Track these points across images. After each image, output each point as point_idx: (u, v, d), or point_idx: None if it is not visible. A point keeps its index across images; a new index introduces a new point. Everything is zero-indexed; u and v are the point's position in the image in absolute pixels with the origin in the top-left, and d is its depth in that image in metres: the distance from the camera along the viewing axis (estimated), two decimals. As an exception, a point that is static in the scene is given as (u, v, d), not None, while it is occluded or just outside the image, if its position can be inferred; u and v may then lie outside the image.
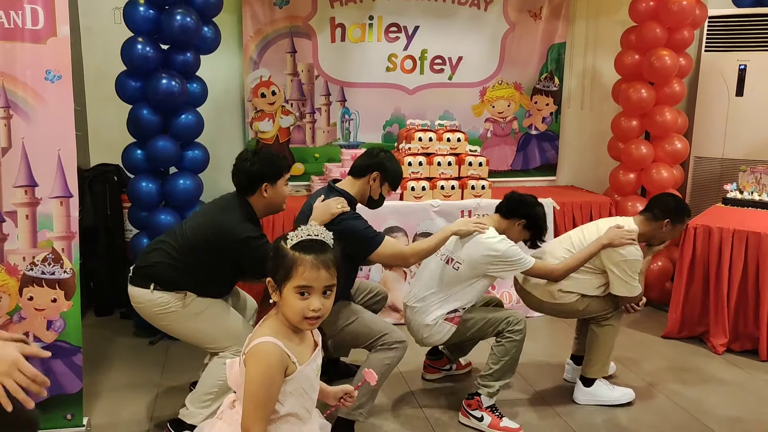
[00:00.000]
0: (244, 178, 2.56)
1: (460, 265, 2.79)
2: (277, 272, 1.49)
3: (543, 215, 2.93)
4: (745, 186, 3.85)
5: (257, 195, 2.57)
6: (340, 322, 2.69)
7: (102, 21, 4.06)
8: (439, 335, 2.83)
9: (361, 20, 4.41)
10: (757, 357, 3.56)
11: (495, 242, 2.75)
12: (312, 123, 4.47)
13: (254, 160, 2.55)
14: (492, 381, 2.82)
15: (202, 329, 2.56)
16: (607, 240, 2.88)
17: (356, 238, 2.57)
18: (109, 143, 4.04)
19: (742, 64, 4.34)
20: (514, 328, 2.81)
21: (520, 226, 2.88)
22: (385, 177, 2.74)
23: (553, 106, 4.82)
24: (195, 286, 2.54)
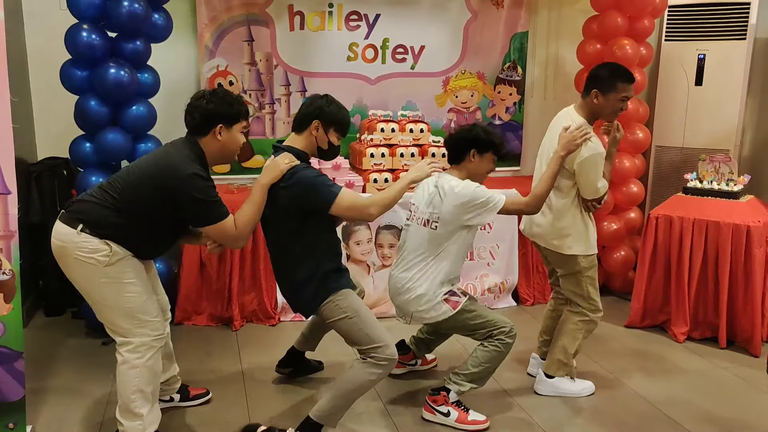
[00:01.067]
0: (198, 116, 2.38)
1: (437, 223, 2.71)
2: None
3: (484, 132, 2.77)
4: (704, 175, 3.87)
5: (210, 137, 2.39)
6: (338, 313, 2.55)
7: (47, 6, 3.87)
8: (434, 312, 2.73)
9: (321, 8, 4.29)
10: (716, 345, 3.60)
11: (461, 188, 2.67)
12: (271, 114, 4.35)
13: (211, 99, 2.39)
14: (465, 381, 2.78)
15: (115, 297, 2.35)
16: (563, 150, 2.77)
17: (311, 189, 2.46)
18: (56, 135, 3.86)
19: (701, 54, 4.37)
20: (506, 339, 2.77)
21: (476, 157, 2.76)
22: (327, 124, 2.61)
23: (516, 95, 4.79)
24: (127, 235, 2.33)
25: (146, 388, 2.42)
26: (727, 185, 3.76)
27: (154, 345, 2.42)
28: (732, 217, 3.53)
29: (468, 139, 2.75)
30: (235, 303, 3.77)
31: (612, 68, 2.88)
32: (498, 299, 4.19)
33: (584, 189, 2.85)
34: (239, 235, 2.42)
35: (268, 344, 3.53)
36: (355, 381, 2.52)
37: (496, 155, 2.80)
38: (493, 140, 2.76)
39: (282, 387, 3.10)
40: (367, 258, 3.95)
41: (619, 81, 2.81)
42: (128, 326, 2.39)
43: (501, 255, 4.17)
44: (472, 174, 2.77)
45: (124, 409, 2.42)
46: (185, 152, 2.37)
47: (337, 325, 2.59)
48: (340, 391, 2.53)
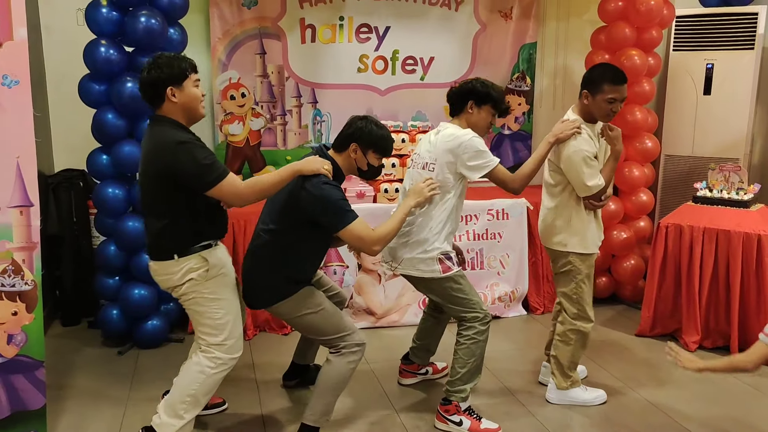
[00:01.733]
0: (147, 88, 2.38)
1: (434, 165, 2.74)
2: None
3: (482, 85, 2.79)
4: (714, 184, 3.89)
5: (167, 103, 2.36)
6: (301, 309, 2.58)
7: (64, 22, 3.95)
8: (425, 266, 2.75)
9: (332, 21, 4.36)
10: (728, 353, 3.60)
11: (462, 134, 2.71)
12: (283, 125, 4.41)
13: (150, 67, 2.36)
14: (462, 385, 2.80)
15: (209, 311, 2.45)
16: (553, 136, 2.81)
17: (329, 207, 2.47)
18: (73, 148, 3.93)
19: (709, 63, 4.39)
20: (479, 327, 2.77)
21: (474, 109, 2.78)
22: (365, 146, 2.60)
23: (525, 105, 4.82)
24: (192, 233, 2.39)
25: (201, 398, 2.49)
26: (737, 194, 3.77)
27: (227, 363, 2.51)
28: (742, 226, 3.54)
29: (466, 90, 2.80)
30: (247, 312, 3.82)
31: (601, 69, 2.87)
32: (508, 308, 4.22)
33: (575, 186, 2.86)
34: (246, 193, 2.37)
35: (281, 353, 3.56)
36: (336, 374, 2.58)
37: (494, 109, 2.81)
38: (490, 92, 2.78)
39: (296, 395, 3.13)
40: (377, 267, 3.99)
41: (606, 83, 2.78)
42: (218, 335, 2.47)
43: (511, 264, 4.19)
44: (472, 125, 2.80)
45: (170, 404, 2.48)
46: (158, 130, 2.37)
47: (301, 321, 2.61)
48: (325, 388, 2.60)
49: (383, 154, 2.67)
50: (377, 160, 2.66)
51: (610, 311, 4.30)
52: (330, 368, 2.60)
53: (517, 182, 2.79)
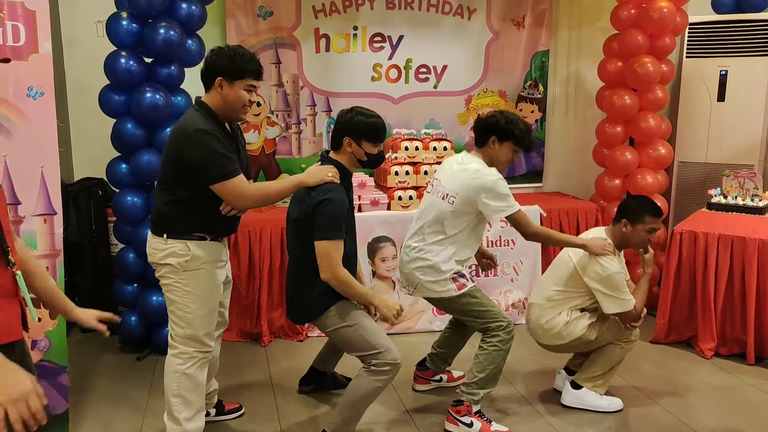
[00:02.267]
0: (204, 69, 2.44)
1: (455, 198, 2.78)
2: None
3: (506, 121, 2.81)
4: (728, 191, 3.88)
5: (213, 91, 2.41)
6: (338, 323, 2.60)
7: (85, 34, 4.03)
8: (440, 288, 2.80)
9: (346, 30, 4.41)
10: (744, 361, 3.59)
11: (486, 173, 2.76)
12: (298, 134, 4.46)
13: (219, 52, 2.41)
14: (477, 389, 2.82)
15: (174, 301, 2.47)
16: (586, 242, 2.90)
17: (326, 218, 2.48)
18: (92, 157, 4.00)
19: (723, 70, 4.39)
20: (503, 336, 2.80)
21: (496, 144, 2.82)
22: (357, 137, 2.59)
23: (538, 113, 4.84)
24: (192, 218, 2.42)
25: (187, 395, 2.51)
26: (752, 200, 3.77)
27: (195, 356, 2.51)
28: (758, 232, 3.53)
29: (489, 125, 2.83)
30: (263, 319, 3.86)
31: (642, 201, 3.04)
32: (522, 314, 4.22)
33: (609, 305, 2.92)
34: (250, 196, 2.41)
35: (297, 359, 3.60)
36: (362, 390, 2.58)
37: (516, 146, 2.84)
38: (513, 130, 2.80)
39: (312, 400, 3.16)
40: (392, 274, 4.01)
41: (648, 214, 2.95)
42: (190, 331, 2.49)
43: (525, 271, 4.21)
44: (492, 159, 2.84)
45: (168, 411, 2.54)
46: (191, 112, 2.43)
47: (337, 334, 2.64)
48: (349, 401, 2.61)
49: (376, 140, 2.63)
50: (374, 147, 2.63)
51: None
52: (357, 383, 2.61)
53: (535, 232, 2.87)
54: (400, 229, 3.98)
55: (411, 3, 4.47)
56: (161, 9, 3.32)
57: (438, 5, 4.52)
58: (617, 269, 2.89)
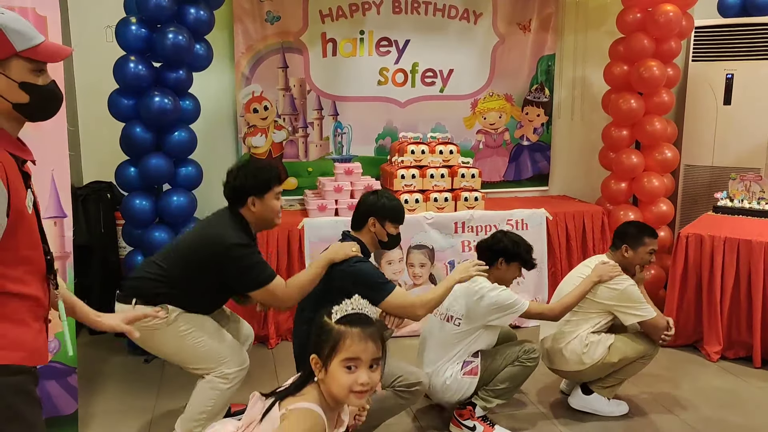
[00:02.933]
0: (229, 193, 2.53)
1: (460, 320, 2.82)
2: (322, 347, 1.50)
3: (512, 244, 2.91)
4: (735, 194, 3.88)
5: (246, 209, 2.52)
6: None
7: (94, 39, 4.07)
8: (462, 391, 2.84)
9: (353, 35, 4.43)
10: (751, 364, 3.59)
11: (488, 290, 2.79)
12: (305, 137, 4.48)
13: (238, 174, 2.52)
14: (492, 397, 2.84)
15: (187, 348, 2.50)
16: (597, 276, 2.94)
17: (367, 282, 2.51)
18: (101, 161, 4.04)
19: (729, 74, 4.39)
20: (530, 356, 2.85)
21: (503, 265, 2.89)
22: (382, 218, 2.70)
23: (544, 116, 4.86)
24: (178, 299, 2.46)
25: (216, 413, 2.54)
26: (758, 204, 3.76)
27: (239, 376, 2.58)
28: (764, 235, 3.53)
29: (497, 249, 2.90)
30: (270, 322, 3.88)
31: (639, 226, 3.14)
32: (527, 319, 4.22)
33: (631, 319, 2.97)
34: (288, 297, 2.50)
35: (304, 362, 3.61)
36: (386, 404, 2.60)
37: (523, 266, 2.93)
38: (520, 252, 2.90)
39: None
40: (398, 277, 4.03)
41: (647, 236, 3.05)
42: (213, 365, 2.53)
43: (530, 274, 4.19)
44: (499, 279, 2.89)
45: (187, 419, 2.54)
46: (226, 221, 2.51)
47: None
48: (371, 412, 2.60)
49: (399, 222, 2.76)
50: (395, 228, 2.76)
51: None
52: (383, 396, 2.60)
53: (554, 313, 2.91)
54: (406, 233, 3.98)
55: (417, 7, 4.50)
56: (170, 14, 3.36)
57: (444, 10, 4.54)
58: (630, 282, 2.95)
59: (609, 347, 2.96)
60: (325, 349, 1.49)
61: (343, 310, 1.55)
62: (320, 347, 1.50)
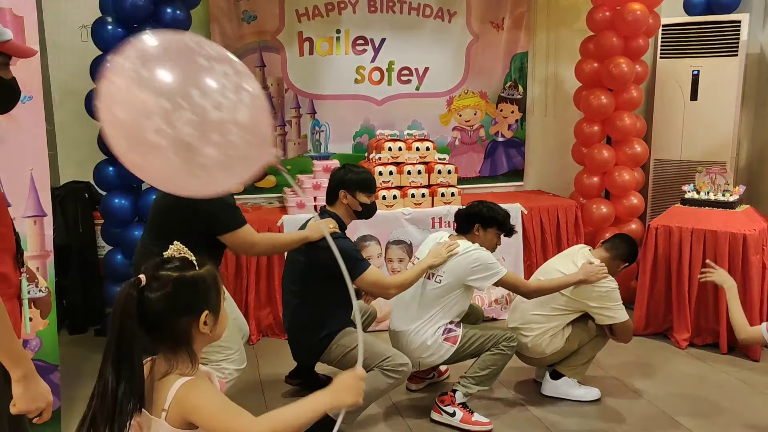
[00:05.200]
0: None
1: (441, 277, 2.89)
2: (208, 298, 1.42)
3: (487, 209, 3.00)
4: (701, 186, 4.01)
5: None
6: (342, 351, 2.77)
7: (69, 39, 4.06)
8: (438, 355, 2.92)
9: (329, 34, 4.48)
10: (718, 350, 3.72)
11: (472, 249, 2.88)
12: (283, 135, 4.52)
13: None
14: (472, 384, 2.93)
15: None
16: (583, 275, 3.00)
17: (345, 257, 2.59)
18: (78, 160, 4.04)
19: (695, 70, 4.53)
20: (510, 343, 2.94)
21: (480, 231, 2.97)
22: (351, 189, 2.84)
23: (518, 113, 4.95)
24: None
25: None
26: (723, 196, 3.89)
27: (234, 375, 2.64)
28: (729, 226, 3.66)
29: (472, 214, 2.99)
30: (251, 318, 3.91)
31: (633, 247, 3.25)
32: (505, 310, 4.32)
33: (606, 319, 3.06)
34: (259, 243, 2.62)
35: (285, 356, 3.63)
36: (375, 384, 2.68)
37: (500, 231, 3.01)
38: (495, 217, 2.98)
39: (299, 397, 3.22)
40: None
41: (631, 259, 3.23)
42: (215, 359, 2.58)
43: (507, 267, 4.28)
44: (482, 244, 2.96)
45: None
46: None
47: (344, 361, 2.77)
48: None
49: (369, 190, 2.89)
50: (367, 198, 2.88)
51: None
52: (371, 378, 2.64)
53: (528, 289, 2.99)
54: (385, 228, 4.07)
55: (392, 6, 4.56)
56: (146, 14, 3.38)
57: (419, 8, 4.61)
58: (614, 285, 3.05)
59: (567, 337, 3.09)
60: (212, 295, 1.43)
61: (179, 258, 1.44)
62: (207, 299, 1.41)
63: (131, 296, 1.34)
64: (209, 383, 1.43)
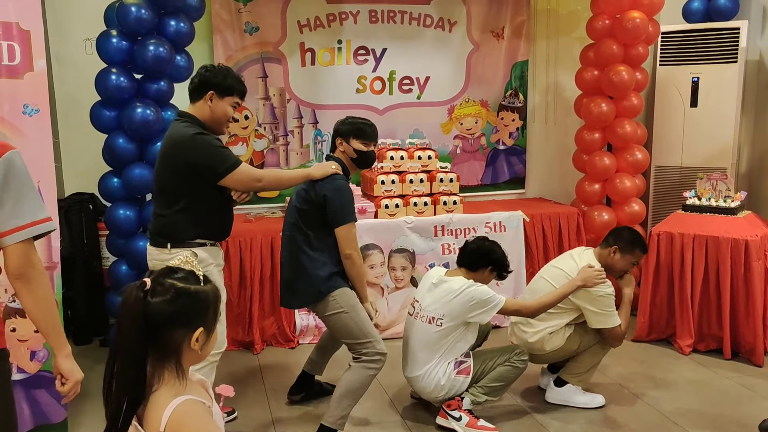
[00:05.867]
0: (197, 81, 2.61)
1: (442, 320, 2.91)
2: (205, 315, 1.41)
3: (503, 254, 3.05)
4: (702, 193, 4.03)
5: (201, 102, 2.58)
6: (336, 307, 2.80)
7: (73, 52, 4.10)
8: (455, 389, 2.94)
9: (330, 44, 4.52)
10: (721, 356, 3.72)
11: (467, 288, 2.89)
12: (285, 145, 4.55)
13: (212, 69, 2.62)
14: (482, 393, 2.96)
15: None
16: (581, 281, 3.02)
17: (340, 204, 2.76)
18: (82, 172, 4.07)
19: (694, 77, 4.56)
20: (521, 357, 2.98)
21: (488, 271, 3.01)
22: (345, 136, 2.93)
23: (519, 121, 4.98)
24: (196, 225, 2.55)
25: None
26: (724, 202, 3.91)
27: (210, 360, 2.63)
28: (730, 232, 3.68)
29: (486, 254, 3.00)
30: (255, 327, 3.93)
31: (635, 235, 3.23)
32: (507, 318, 4.32)
33: (596, 322, 3.07)
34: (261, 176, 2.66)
35: (289, 365, 3.67)
36: (356, 380, 2.76)
37: (499, 278, 3.07)
38: (506, 264, 3.04)
39: (304, 406, 3.24)
40: (380, 281, 4.11)
41: (638, 248, 3.18)
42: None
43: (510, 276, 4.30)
44: (479, 280, 2.98)
45: None
46: (178, 125, 2.58)
47: (334, 318, 2.81)
48: (344, 392, 2.76)
49: (364, 137, 2.94)
50: (363, 145, 2.94)
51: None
52: (350, 374, 2.78)
53: (532, 310, 3.02)
54: (387, 237, 4.09)
55: (393, 17, 4.60)
56: (150, 26, 3.42)
57: (419, 18, 4.65)
58: (610, 291, 3.05)
59: (567, 337, 3.11)
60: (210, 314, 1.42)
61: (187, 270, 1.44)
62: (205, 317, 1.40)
63: (138, 298, 1.34)
64: (204, 410, 1.39)
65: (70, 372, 1.80)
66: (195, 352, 1.40)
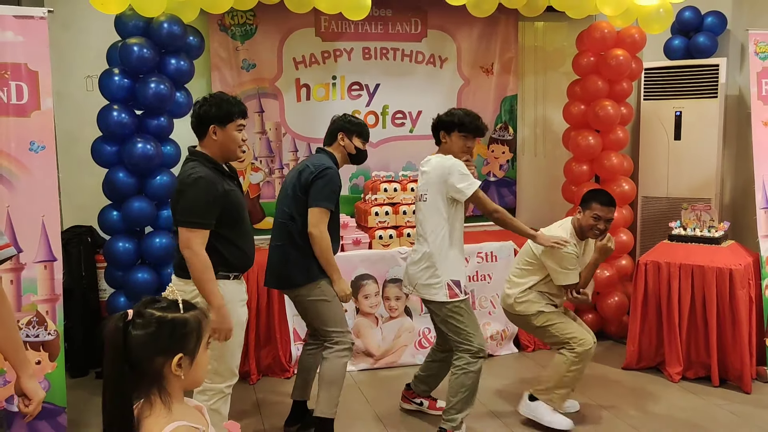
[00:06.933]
0: (194, 120, 2.61)
1: (426, 194, 3.06)
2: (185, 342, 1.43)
3: (446, 115, 3.17)
4: (687, 223, 4.14)
5: (208, 139, 2.57)
6: (319, 295, 2.97)
7: (75, 88, 4.20)
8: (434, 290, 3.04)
9: (325, 80, 4.65)
10: (710, 383, 3.79)
11: (445, 159, 3.06)
12: (281, 178, 4.64)
13: (205, 103, 2.59)
14: (455, 414, 3.00)
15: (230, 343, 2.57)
16: (537, 235, 3.23)
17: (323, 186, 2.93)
18: (81, 206, 4.13)
19: (677, 111, 4.71)
20: (470, 359, 3.01)
21: (446, 138, 3.15)
22: (348, 133, 3.13)
23: (509, 153, 5.11)
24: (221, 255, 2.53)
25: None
26: (709, 231, 4.02)
27: (223, 391, 2.62)
28: (715, 261, 3.78)
29: (435, 124, 3.22)
30: (251, 357, 3.97)
31: (594, 191, 3.38)
32: (500, 346, 4.39)
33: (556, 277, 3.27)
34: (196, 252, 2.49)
35: (285, 395, 3.69)
36: (334, 368, 2.97)
37: (465, 132, 3.13)
38: (453, 120, 3.13)
39: (301, 436, 3.27)
40: (375, 310, 4.17)
41: (595, 201, 3.27)
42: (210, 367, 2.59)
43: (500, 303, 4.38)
44: (450, 152, 3.13)
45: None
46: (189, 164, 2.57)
47: (315, 305, 2.99)
48: (328, 382, 2.97)
49: (364, 137, 3.19)
50: (362, 144, 3.18)
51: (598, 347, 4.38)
52: (328, 365, 2.98)
53: (498, 213, 3.17)
54: (382, 267, 4.16)
55: (386, 53, 4.75)
56: (152, 65, 3.53)
57: (411, 55, 4.81)
58: (568, 250, 3.20)
59: (538, 312, 3.27)
60: (191, 341, 1.44)
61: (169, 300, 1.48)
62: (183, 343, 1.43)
63: (118, 328, 1.38)
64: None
65: (34, 392, 1.83)
66: (178, 377, 1.42)
